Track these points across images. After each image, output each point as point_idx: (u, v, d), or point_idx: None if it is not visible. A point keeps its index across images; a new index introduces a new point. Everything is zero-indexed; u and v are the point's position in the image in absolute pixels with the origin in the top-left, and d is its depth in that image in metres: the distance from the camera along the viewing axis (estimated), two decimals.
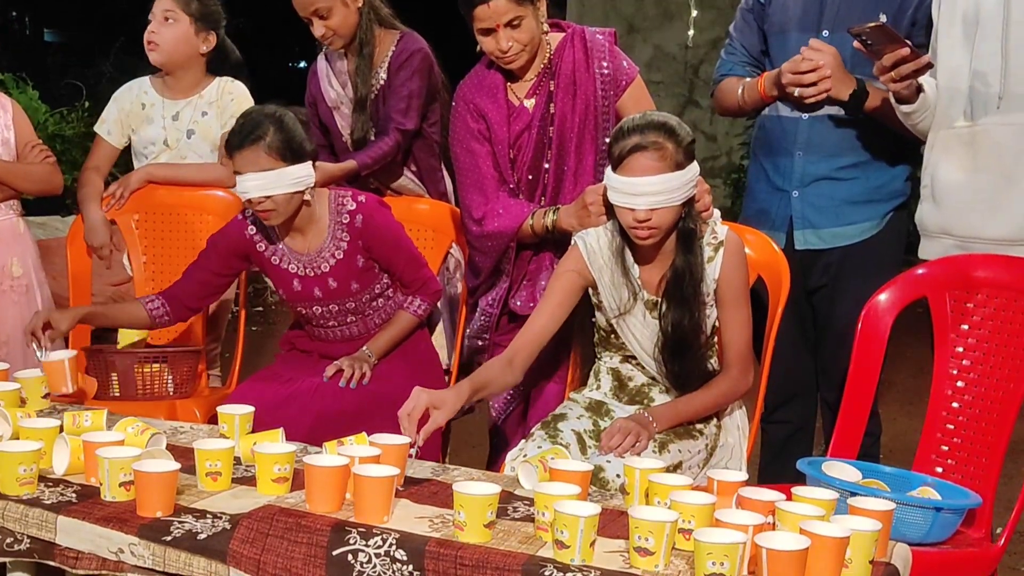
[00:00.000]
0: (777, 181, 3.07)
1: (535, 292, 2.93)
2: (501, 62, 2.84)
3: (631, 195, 2.46)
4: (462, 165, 2.94)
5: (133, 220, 3.53)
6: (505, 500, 2.11)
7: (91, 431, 2.37)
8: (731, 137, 9.27)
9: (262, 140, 2.75)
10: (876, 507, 1.98)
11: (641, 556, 1.84)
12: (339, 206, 2.92)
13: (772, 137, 3.10)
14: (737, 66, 3.20)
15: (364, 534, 1.96)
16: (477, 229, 2.91)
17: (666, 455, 2.47)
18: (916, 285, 2.70)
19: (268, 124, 2.77)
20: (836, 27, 2.97)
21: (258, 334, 6.42)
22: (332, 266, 2.93)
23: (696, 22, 9.38)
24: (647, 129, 2.47)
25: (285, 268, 2.96)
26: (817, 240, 3.03)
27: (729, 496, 2.05)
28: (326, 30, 3.22)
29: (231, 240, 2.99)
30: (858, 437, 2.67)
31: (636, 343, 2.63)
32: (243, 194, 2.80)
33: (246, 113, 2.88)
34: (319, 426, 2.65)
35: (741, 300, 2.61)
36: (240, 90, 3.49)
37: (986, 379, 2.58)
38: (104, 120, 3.56)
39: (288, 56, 15.93)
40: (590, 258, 2.63)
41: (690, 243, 2.56)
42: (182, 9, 3.37)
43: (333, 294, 2.95)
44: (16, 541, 2.11)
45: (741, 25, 3.19)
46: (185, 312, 3.04)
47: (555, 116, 2.88)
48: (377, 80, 3.30)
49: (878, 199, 3.03)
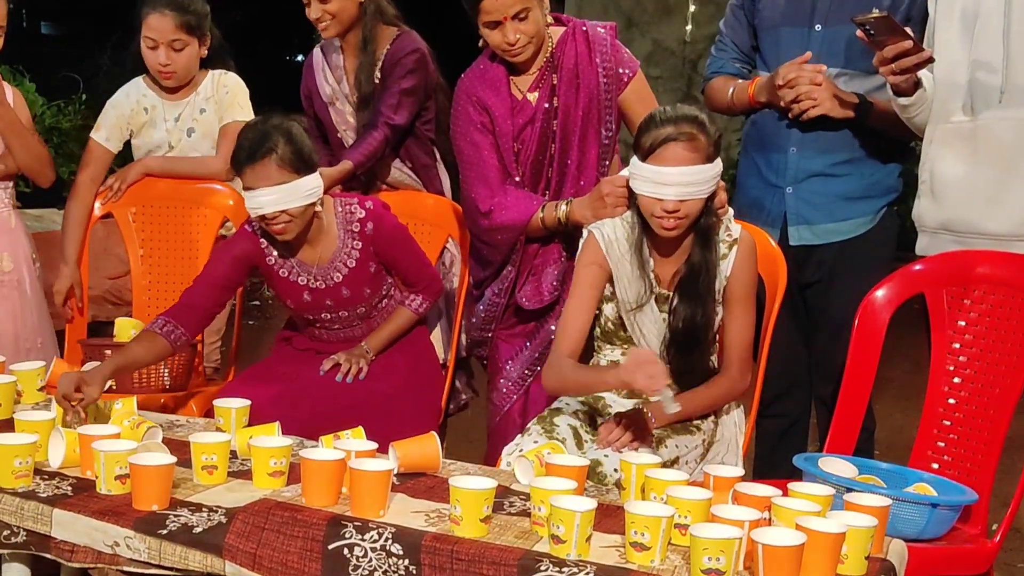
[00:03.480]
0: (770, 177, 3.07)
1: (541, 287, 2.92)
2: (507, 55, 2.84)
3: (661, 184, 2.46)
4: (466, 158, 2.92)
5: (130, 213, 3.52)
6: (501, 495, 2.12)
7: (122, 414, 2.38)
8: (729, 133, 9.24)
9: (273, 153, 2.67)
10: (872, 503, 1.98)
11: (637, 551, 1.84)
12: (348, 214, 2.88)
13: (765, 133, 3.09)
14: (728, 63, 3.19)
15: (360, 528, 1.96)
16: (486, 223, 2.89)
17: (663, 450, 2.47)
18: (913, 281, 2.70)
19: (277, 136, 2.69)
20: (829, 21, 2.97)
21: (254, 328, 6.42)
22: (345, 275, 2.89)
23: (695, 17, 9.37)
24: (681, 121, 2.49)
25: (294, 281, 2.90)
26: (811, 236, 3.03)
27: (725, 491, 2.05)
28: (323, 13, 3.19)
29: (241, 250, 2.89)
30: (854, 433, 2.67)
31: (643, 338, 2.63)
32: (256, 210, 2.71)
33: (251, 126, 2.78)
34: (315, 420, 2.64)
35: (748, 300, 2.61)
36: (233, 81, 3.48)
37: (983, 375, 2.58)
38: (101, 127, 3.49)
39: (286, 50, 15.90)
40: (608, 249, 2.61)
41: (707, 239, 2.56)
42: (187, 33, 3.33)
43: (345, 302, 2.92)
44: (12, 534, 2.11)
45: (732, 21, 3.18)
46: (197, 328, 2.88)
47: (558, 110, 2.88)
48: (375, 77, 3.28)
49: (872, 195, 3.02)
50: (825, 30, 2.97)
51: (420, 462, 2.28)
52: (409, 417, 2.79)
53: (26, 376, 2.68)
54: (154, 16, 3.31)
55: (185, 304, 2.83)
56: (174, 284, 3.50)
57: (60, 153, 6.45)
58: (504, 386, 2.99)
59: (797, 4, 3.01)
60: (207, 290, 2.86)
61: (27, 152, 3.36)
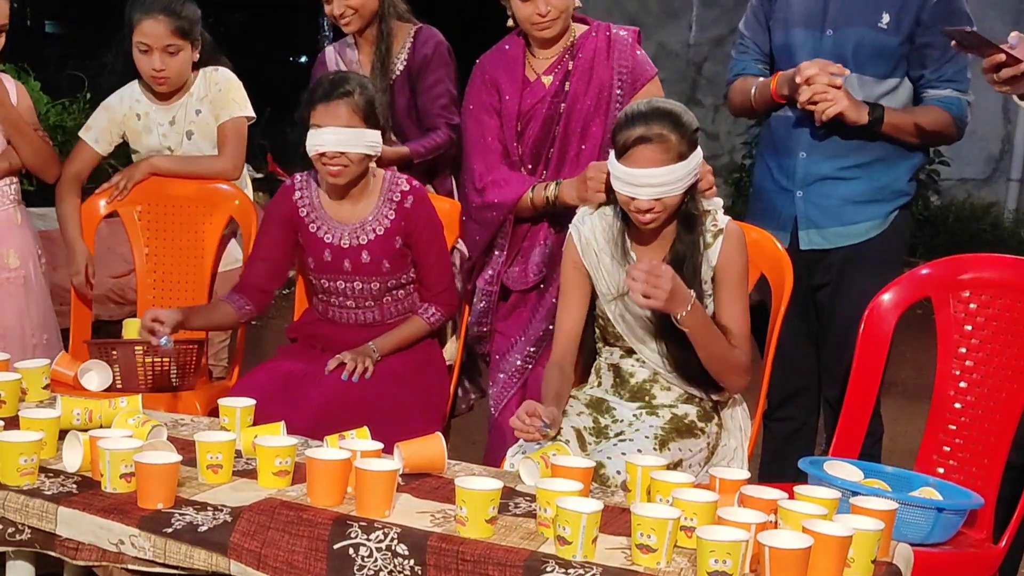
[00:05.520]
0: (782, 180, 3.07)
1: (527, 269, 2.98)
2: (536, 28, 2.89)
3: (634, 185, 2.47)
4: (470, 135, 3.00)
5: (136, 211, 3.52)
6: (507, 496, 2.11)
7: (127, 412, 2.38)
8: (733, 136, 9.27)
9: (350, 96, 2.82)
10: (879, 507, 1.97)
11: (643, 553, 1.84)
12: (394, 183, 2.98)
13: (777, 136, 3.10)
14: (750, 64, 3.17)
15: (365, 528, 1.95)
16: (478, 199, 2.97)
17: (666, 453, 2.47)
18: (920, 285, 2.70)
19: (356, 84, 2.86)
20: (839, 26, 2.96)
21: (257, 328, 6.41)
22: (371, 240, 2.95)
23: (699, 19, 9.38)
24: (651, 119, 2.47)
25: (320, 237, 2.98)
26: (821, 240, 3.03)
27: (731, 494, 2.05)
28: (346, 8, 3.27)
29: (281, 207, 3.02)
30: (860, 437, 2.67)
31: (631, 332, 2.62)
32: (318, 147, 2.82)
33: (333, 72, 2.99)
34: (321, 420, 2.64)
35: (738, 289, 2.59)
36: (224, 76, 3.46)
37: (989, 380, 2.58)
38: (91, 127, 3.48)
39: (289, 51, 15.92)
40: (583, 250, 2.65)
41: (691, 226, 2.56)
42: (180, 37, 3.31)
43: (362, 269, 2.97)
44: (17, 531, 2.11)
45: (752, 22, 3.17)
46: (261, 297, 3.04)
47: (568, 94, 2.93)
48: (394, 71, 3.33)
49: (881, 199, 3.02)
50: (836, 34, 2.97)
51: (425, 462, 2.28)
52: (414, 417, 2.79)
53: (31, 374, 2.68)
54: (148, 22, 3.29)
55: (245, 283, 3.04)
56: (179, 283, 3.50)
57: (65, 152, 6.43)
58: (502, 380, 3.01)
59: (810, 7, 3.01)
60: (260, 264, 3.04)
61: (31, 149, 3.36)
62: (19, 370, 2.67)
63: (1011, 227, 8.66)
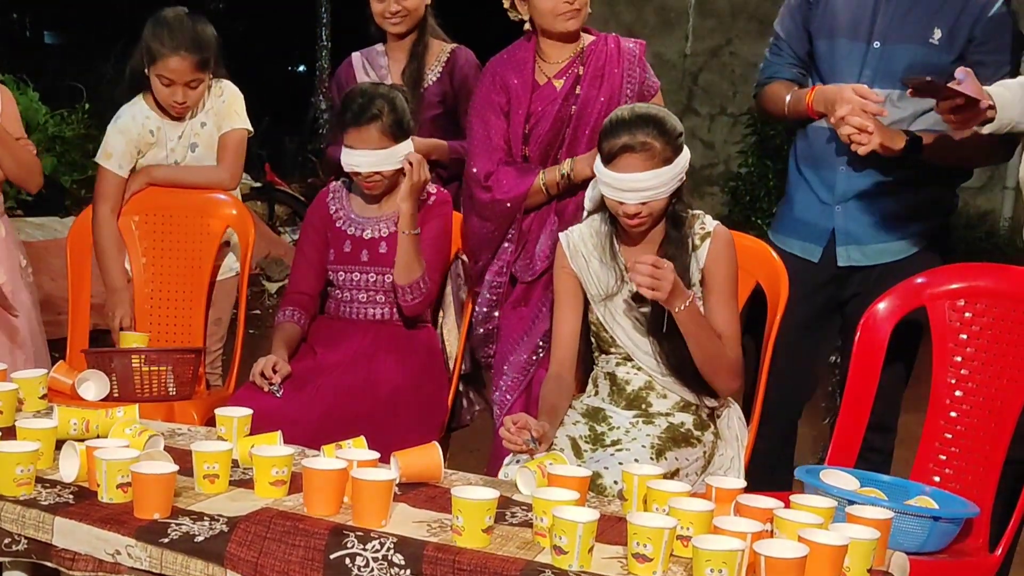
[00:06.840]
0: (820, 193, 2.96)
1: (533, 258, 2.98)
2: (563, 19, 2.89)
3: (621, 190, 2.51)
4: (475, 134, 3.01)
5: (133, 222, 3.52)
6: (503, 505, 2.11)
7: (124, 422, 2.38)
8: (729, 145, 9.28)
9: (378, 120, 2.91)
10: (874, 516, 1.98)
11: (639, 562, 1.84)
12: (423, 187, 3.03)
13: (816, 148, 2.97)
14: (784, 68, 3.03)
15: (362, 538, 1.95)
16: (487, 196, 2.96)
17: (663, 462, 2.47)
18: (915, 294, 2.70)
19: (383, 103, 2.93)
20: (888, 39, 2.84)
21: (255, 337, 6.41)
22: (391, 232, 3.02)
23: (695, 30, 9.40)
24: (636, 127, 2.51)
25: (343, 229, 3.08)
26: (861, 256, 2.92)
27: (727, 503, 2.05)
28: (401, 8, 3.36)
29: (317, 211, 3.13)
30: (856, 445, 2.67)
31: (624, 334, 2.64)
32: (353, 167, 2.95)
33: (361, 91, 3.00)
34: (319, 429, 2.64)
35: (727, 291, 2.61)
36: (228, 89, 3.46)
37: (985, 389, 2.58)
38: (111, 155, 3.43)
39: (288, 60, 15.95)
40: (572, 255, 2.69)
41: (678, 226, 2.60)
42: (201, 70, 3.32)
43: (378, 260, 3.03)
44: (13, 541, 2.11)
45: (788, 24, 3.02)
46: (310, 302, 3.11)
47: (580, 97, 2.94)
48: (424, 83, 3.41)
49: (923, 216, 2.91)
50: (883, 48, 2.85)
51: (422, 472, 2.28)
52: (413, 425, 2.79)
53: (28, 384, 2.68)
54: (174, 59, 3.28)
55: (293, 290, 3.12)
56: (176, 293, 3.50)
57: (63, 162, 6.45)
58: (504, 383, 3.00)
59: (856, 16, 2.88)
60: (307, 271, 3.11)
61: (12, 159, 3.31)
62: (16, 380, 2.67)
63: (1007, 235, 8.65)
